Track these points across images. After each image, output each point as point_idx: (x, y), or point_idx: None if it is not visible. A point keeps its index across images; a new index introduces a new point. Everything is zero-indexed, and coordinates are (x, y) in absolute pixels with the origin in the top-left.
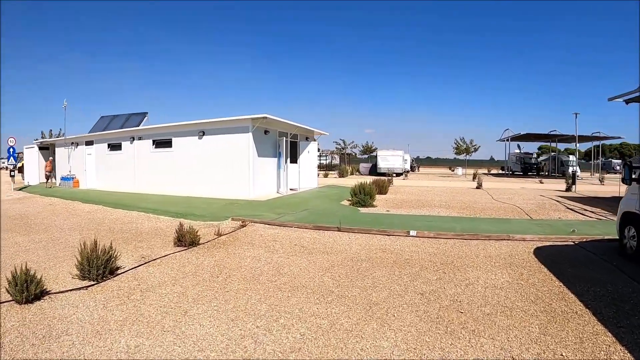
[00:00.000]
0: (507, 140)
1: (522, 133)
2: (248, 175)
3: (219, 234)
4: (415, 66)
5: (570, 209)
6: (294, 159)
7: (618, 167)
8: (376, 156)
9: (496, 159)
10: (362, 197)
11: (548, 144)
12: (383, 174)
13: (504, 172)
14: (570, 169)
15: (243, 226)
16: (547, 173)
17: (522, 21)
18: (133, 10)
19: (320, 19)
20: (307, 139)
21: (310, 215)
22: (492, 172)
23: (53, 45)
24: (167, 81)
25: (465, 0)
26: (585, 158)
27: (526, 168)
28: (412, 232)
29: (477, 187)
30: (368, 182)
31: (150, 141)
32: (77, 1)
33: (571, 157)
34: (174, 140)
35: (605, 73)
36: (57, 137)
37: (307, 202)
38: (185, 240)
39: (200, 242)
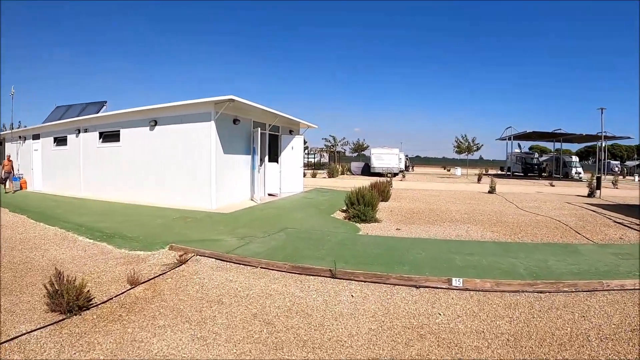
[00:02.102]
0: (509, 139)
1: (527, 131)
2: (210, 178)
3: (135, 282)
4: (406, 67)
5: (619, 223)
6: (274, 157)
7: (617, 169)
8: (369, 155)
9: (485, 159)
10: (361, 208)
11: (538, 143)
12: (377, 174)
13: (502, 172)
14: (574, 170)
15: (181, 263)
16: (547, 174)
17: (516, 23)
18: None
19: (311, 19)
20: (291, 132)
21: (288, 240)
22: (490, 172)
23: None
24: (159, 79)
25: (465, 1)
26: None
27: (527, 168)
28: (456, 281)
29: (489, 192)
30: (366, 186)
31: (97, 134)
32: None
33: (574, 158)
34: (122, 133)
35: (598, 76)
36: (25, 129)
37: (288, 215)
38: (62, 302)
39: (94, 301)
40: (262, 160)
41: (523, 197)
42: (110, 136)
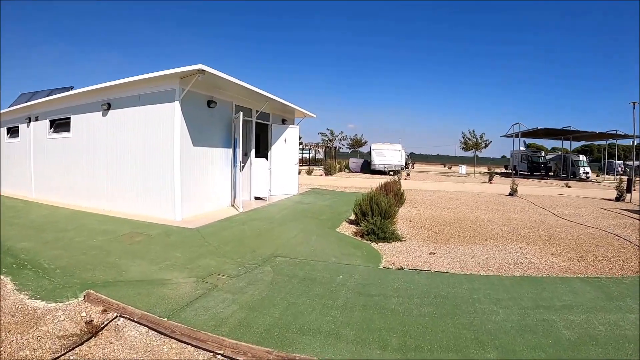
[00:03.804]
0: (517, 136)
1: (539, 128)
2: (172, 179)
3: None
4: (399, 65)
5: None
6: (263, 152)
7: (620, 169)
8: (370, 150)
9: (480, 157)
10: (377, 221)
11: (535, 141)
12: (378, 172)
13: (506, 171)
14: (582, 170)
15: (90, 334)
16: (553, 173)
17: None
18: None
19: (304, 16)
20: (284, 121)
21: (277, 285)
22: (493, 171)
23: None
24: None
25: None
26: None
27: (534, 167)
28: None
29: (510, 194)
30: (376, 189)
31: (47, 122)
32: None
33: (581, 157)
34: (73, 120)
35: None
36: None
37: (278, 231)
38: None
39: None
40: (247, 155)
41: (550, 202)
42: (61, 125)
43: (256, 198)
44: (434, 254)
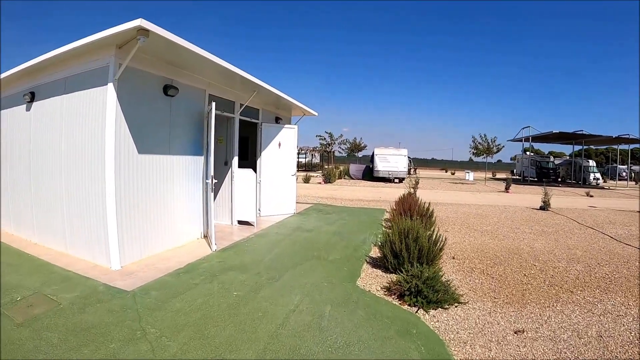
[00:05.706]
0: (527, 140)
1: (554, 131)
2: (104, 205)
3: None
4: (390, 67)
5: None
6: (251, 159)
7: (624, 174)
8: (372, 155)
9: (476, 161)
10: (421, 272)
11: (529, 146)
12: (382, 179)
13: (514, 177)
14: (592, 176)
15: None
16: (561, 179)
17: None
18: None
19: (298, 18)
20: (277, 120)
21: None
22: (497, 176)
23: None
24: None
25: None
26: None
27: (542, 173)
28: None
29: (541, 208)
30: (392, 206)
31: None
32: None
33: (591, 162)
34: None
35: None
36: None
37: (268, 294)
38: None
39: None
40: (227, 164)
41: (590, 217)
42: None
43: (240, 222)
44: (522, 332)
